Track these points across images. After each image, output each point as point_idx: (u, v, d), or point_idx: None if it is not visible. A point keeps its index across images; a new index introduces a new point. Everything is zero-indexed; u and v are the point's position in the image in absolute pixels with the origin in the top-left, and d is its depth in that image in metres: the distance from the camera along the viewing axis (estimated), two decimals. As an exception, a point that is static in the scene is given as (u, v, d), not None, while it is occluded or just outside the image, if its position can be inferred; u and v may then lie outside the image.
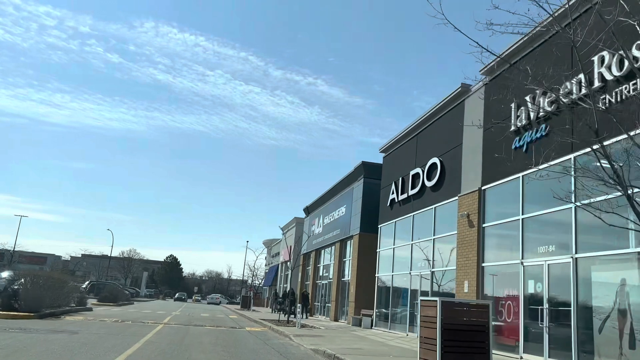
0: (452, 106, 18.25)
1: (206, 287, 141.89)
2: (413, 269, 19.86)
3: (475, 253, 15.21)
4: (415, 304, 19.20)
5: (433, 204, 18.68)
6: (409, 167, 21.20)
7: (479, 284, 14.91)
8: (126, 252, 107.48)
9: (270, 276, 61.38)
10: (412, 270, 19.93)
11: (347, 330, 21.39)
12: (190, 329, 18.55)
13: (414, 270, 19.80)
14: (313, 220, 40.34)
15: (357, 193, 28.58)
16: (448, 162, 17.99)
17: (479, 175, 15.68)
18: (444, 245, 17.93)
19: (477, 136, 16.14)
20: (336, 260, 31.63)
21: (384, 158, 25.08)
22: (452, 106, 18.20)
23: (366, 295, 26.16)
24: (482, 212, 15.39)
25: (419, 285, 19.08)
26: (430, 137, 19.81)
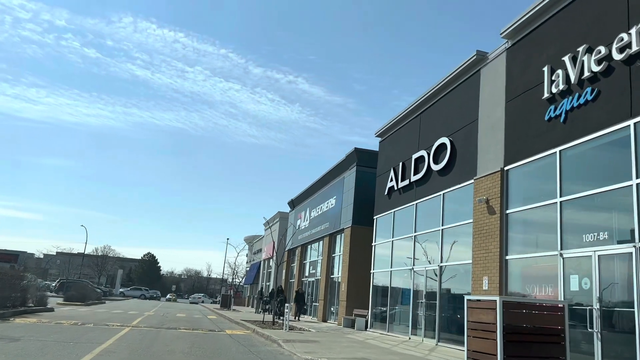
0: (464, 78, 16.01)
1: (185, 286, 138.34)
2: (417, 265, 17.59)
3: (496, 244, 12.98)
4: (419, 304, 16.97)
5: (441, 190, 16.43)
6: (411, 150, 18.93)
7: (502, 280, 12.68)
8: (100, 249, 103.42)
9: (251, 274, 58.76)
10: (415, 266, 17.66)
11: (341, 333, 19.04)
12: (162, 332, 16.01)
13: (417, 265, 17.53)
14: (299, 214, 37.92)
15: (349, 182, 26.26)
16: (460, 141, 15.75)
17: (501, 154, 13.46)
18: (456, 237, 15.71)
19: (497, 109, 13.92)
20: (325, 256, 29.27)
21: (381, 143, 22.78)
22: (465, 78, 15.97)
23: (359, 293, 23.87)
24: (505, 196, 13.16)
25: (424, 283, 16.83)
26: (438, 115, 17.56)
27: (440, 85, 17.32)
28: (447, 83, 16.93)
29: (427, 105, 18.35)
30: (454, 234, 15.73)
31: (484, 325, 6.10)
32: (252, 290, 59.07)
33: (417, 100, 18.89)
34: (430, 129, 17.87)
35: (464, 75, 16.05)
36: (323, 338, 15.79)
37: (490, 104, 14.34)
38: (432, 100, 18.05)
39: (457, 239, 15.69)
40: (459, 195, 15.58)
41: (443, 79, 17.05)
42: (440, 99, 17.48)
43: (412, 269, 17.79)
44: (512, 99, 13.29)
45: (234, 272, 47.51)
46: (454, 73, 16.40)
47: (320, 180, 32.07)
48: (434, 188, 16.94)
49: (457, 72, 16.25)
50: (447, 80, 16.86)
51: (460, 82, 16.25)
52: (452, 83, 16.75)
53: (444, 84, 17.12)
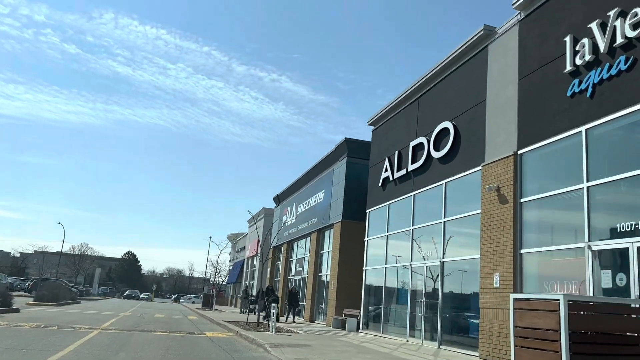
0: (469, 56, 14.65)
1: (167, 285, 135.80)
2: (415, 261, 16.21)
3: (509, 236, 11.63)
4: (417, 303, 15.59)
5: (443, 178, 15.06)
6: (409, 137, 17.54)
7: (516, 277, 11.33)
8: (77, 247, 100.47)
9: (234, 272, 57.04)
10: (413, 262, 16.28)
11: (332, 335, 17.59)
12: (135, 336, 14.39)
13: (416, 261, 16.15)
14: (285, 209, 36.39)
15: (339, 175, 24.82)
16: (465, 125, 14.39)
17: (513, 136, 12.12)
18: (460, 230, 14.36)
19: (508, 88, 12.58)
20: (312, 253, 27.79)
21: (374, 131, 21.36)
22: (470, 56, 14.61)
23: (349, 292, 22.46)
24: (518, 183, 11.82)
25: (424, 281, 15.44)
26: (439, 98, 16.19)
27: (441, 66, 15.95)
28: (450, 63, 15.56)
29: (427, 89, 16.97)
30: (458, 227, 14.37)
31: (540, 332, 4.70)
32: (236, 290, 57.35)
33: (415, 83, 17.51)
34: (430, 113, 16.49)
35: (468, 53, 14.69)
36: (314, 341, 14.31)
37: (500, 82, 13.00)
38: (431, 82, 16.68)
39: (461, 232, 14.35)
40: (463, 184, 14.23)
41: (445, 59, 15.68)
42: (442, 80, 16.10)
43: (409, 265, 16.41)
44: (526, 76, 11.95)
45: (216, 271, 45.76)
46: (457, 51, 15.04)
47: (308, 174, 30.58)
48: (434, 177, 15.56)
49: (461, 51, 14.89)
50: (449, 60, 15.50)
51: (465, 61, 14.89)
52: (455, 63, 15.39)
53: (446, 64, 15.75)
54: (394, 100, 19.16)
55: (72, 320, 19.09)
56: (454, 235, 14.53)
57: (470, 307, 13.55)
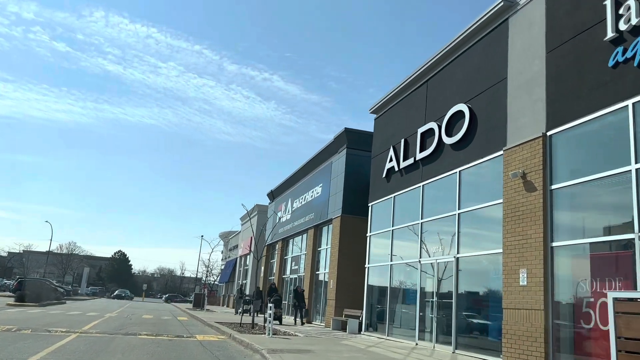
0: (486, 32, 13.33)
1: (158, 285, 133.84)
2: (425, 257, 14.88)
3: (538, 228, 10.32)
4: (428, 303, 14.27)
5: (456, 166, 13.73)
6: (416, 123, 16.21)
7: (547, 273, 10.01)
8: (65, 245, 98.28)
9: (227, 272, 55.52)
10: (422, 259, 14.95)
11: (334, 337, 16.22)
12: (117, 340, 12.95)
13: (426, 258, 14.82)
14: (279, 205, 34.99)
15: (339, 167, 23.45)
16: (482, 106, 13.07)
17: (541, 116, 10.80)
18: (477, 222, 13.05)
19: (534, 63, 11.27)
20: (309, 250, 26.42)
21: (376, 120, 20.01)
22: (487, 32, 13.28)
23: (350, 291, 21.12)
24: (548, 168, 10.51)
25: (435, 278, 14.11)
26: (451, 80, 14.86)
27: (453, 44, 14.62)
28: (463, 41, 14.24)
29: (436, 70, 15.64)
30: (476, 219, 13.06)
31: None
32: (227, 289, 55.87)
33: (423, 65, 16.17)
34: (441, 96, 15.16)
35: (486, 28, 13.37)
36: (316, 346, 12.93)
37: (523, 58, 11.69)
38: (442, 63, 15.34)
39: (479, 224, 13.04)
40: (481, 171, 12.92)
41: (458, 36, 14.35)
42: (454, 60, 14.77)
43: (418, 262, 15.07)
44: (556, 48, 10.64)
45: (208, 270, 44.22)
46: (472, 27, 13.72)
47: (305, 168, 29.18)
48: (446, 165, 14.24)
49: (477, 26, 13.57)
50: (463, 37, 14.17)
51: (481, 38, 13.57)
52: (469, 40, 14.06)
53: (459, 42, 14.42)
54: (399, 85, 17.82)
55: (51, 322, 17.60)
56: (470, 228, 13.22)
57: (490, 308, 12.24)
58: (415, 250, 15.49)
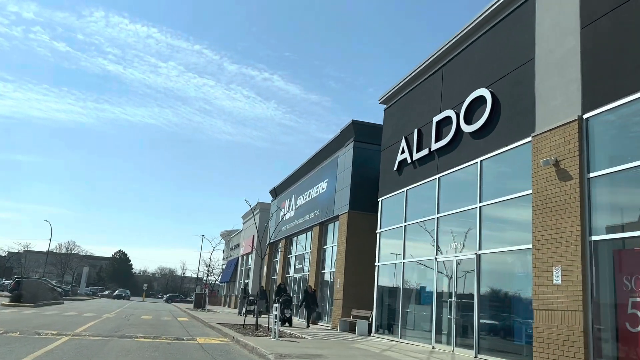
0: (511, 9, 12.33)
1: (158, 285, 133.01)
2: (442, 254, 13.90)
3: (575, 220, 9.32)
4: (445, 304, 13.28)
5: (477, 156, 12.75)
6: (431, 112, 15.23)
7: (586, 270, 9.02)
8: (64, 245, 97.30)
9: (228, 271, 54.56)
10: (439, 256, 13.96)
11: (343, 340, 15.24)
12: (111, 343, 11.98)
13: (443, 255, 13.83)
14: (282, 202, 34.01)
15: (345, 161, 22.47)
16: (506, 90, 12.08)
17: (576, 97, 9.81)
18: (502, 215, 12.08)
19: (567, 40, 10.27)
20: (314, 248, 25.43)
21: (386, 110, 19.03)
22: (512, 9, 12.28)
23: (358, 291, 20.15)
24: (585, 154, 9.52)
25: (454, 277, 13.11)
26: (469, 64, 13.87)
27: (471, 27, 13.63)
28: (483, 22, 13.25)
29: (453, 54, 14.65)
30: (499, 212, 12.08)
31: None
32: (229, 289, 54.95)
33: (438, 50, 15.19)
34: (459, 82, 14.18)
35: (508, 7, 12.37)
36: (326, 350, 11.95)
37: (554, 35, 10.70)
38: (459, 47, 14.36)
39: (503, 218, 12.06)
40: (505, 160, 11.93)
41: (476, 18, 13.37)
42: (473, 43, 13.79)
43: (434, 259, 14.08)
44: (593, 22, 9.65)
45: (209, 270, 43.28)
46: (492, 7, 12.73)
47: (309, 163, 28.19)
48: (466, 155, 13.25)
49: (497, 6, 12.58)
50: (482, 19, 13.18)
51: (503, 18, 12.57)
52: (489, 21, 13.08)
53: (478, 24, 13.44)
54: (411, 72, 16.83)
55: (43, 323, 16.64)
56: (493, 222, 12.24)
57: (516, 308, 11.27)
58: (430, 247, 14.51)
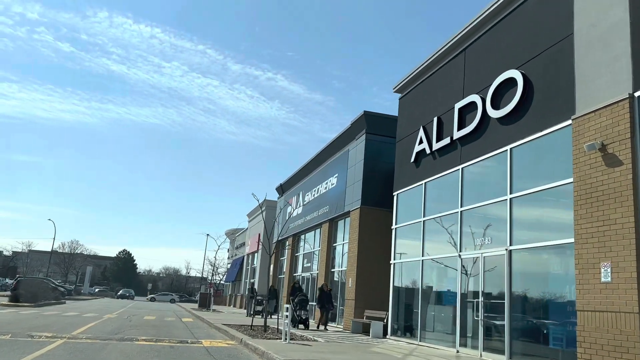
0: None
1: (163, 284, 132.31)
2: (466, 250, 12.86)
3: (626, 211, 8.28)
4: (470, 305, 12.25)
5: (506, 143, 11.71)
6: (453, 98, 14.20)
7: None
8: (67, 244, 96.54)
9: (233, 270, 53.63)
10: (463, 252, 12.93)
11: (359, 343, 14.23)
12: (109, 347, 11.02)
13: (467, 251, 12.80)
14: (289, 199, 33.01)
15: (357, 155, 21.44)
16: (538, 71, 11.04)
17: (625, 74, 8.77)
18: (536, 206, 11.03)
19: (612, 12, 9.24)
20: (324, 246, 24.43)
21: (402, 99, 18.00)
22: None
23: (371, 290, 19.16)
24: (637, 136, 8.48)
25: (480, 275, 12.07)
26: (496, 44, 12.83)
27: (497, 4, 12.60)
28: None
29: (477, 36, 13.61)
30: (532, 203, 11.03)
31: None
32: (234, 288, 54.03)
33: (459, 32, 14.15)
34: (484, 65, 13.14)
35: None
36: (343, 354, 10.93)
37: (596, 7, 9.65)
38: (483, 27, 13.32)
39: (537, 209, 11.01)
40: (540, 146, 10.88)
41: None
42: (499, 22, 12.74)
43: (458, 256, 13.04)
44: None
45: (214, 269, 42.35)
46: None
47: (317, 158, 27.19)
48: (493, 143, 12.22)
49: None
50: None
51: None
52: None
53: (505, 2, 12.40)
54: (429, 58, 15.81)
55: (39, 325, 15.71)
56: (526, 214, 11.21)
57: (553, 309, 10.24)
58: (452, 243, 13.48)
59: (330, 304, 19.79)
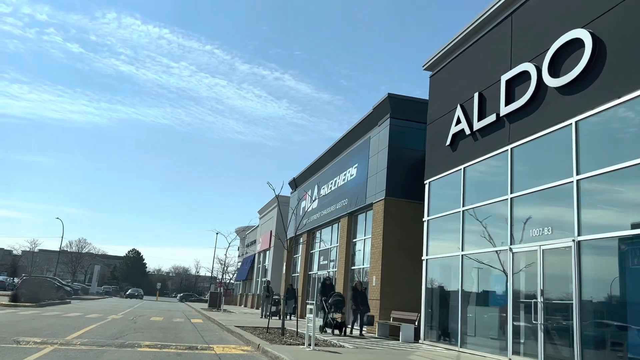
0: None
1: (172, 284, 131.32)
2: (518, 242, 11.09)
3: None
4: (524, 305, 10.50)
5: (570, 116, 9.94)
6: (497, 70, 12.43)
7: None
8: (75, 242, 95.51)
9: (244, 269, 52.07)
10: (515, 245, 11.16)
11: (392, 350, 12.51)
12: (105, 356, 9.41)
13: (521, 243, 11.02)
14: (303, 194, 31.31)
15: (380, 142, 19.69)
16: (611, 28, 9.25)
17: None
18: (613, 188, 9.25)
19: None
20: (342, 242, 22.72)
21: (433, 78, 16.25)
22: None
23: (398, 290, 17.44)
24: None
25: (538, 271, 10.29)
26: (551, 5, 11.04)
27: (555, -43, 10.83)
28: (574, -53, 10.44)
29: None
30: (608, 185, 9.26)
31: None
32: (245, 288, 52.48)
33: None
34: (537, 28, 11.35)
35: None
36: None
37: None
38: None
39: (614, 192, 9.24)
40: (615, 117, 9.11)
41: (563, -56, 10.56)
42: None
43: (508, 250, 11.28)
44: None
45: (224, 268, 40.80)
46: None
47: (334, 148, 25.47)
48: (552, 117, 10.44)
49: None
50: (573, -58, 10.37)
51: (606, -64, 9.75)
52: (584, -57, 10.25)
53: (565, -47, 10.64)
54: (465, 29, 14.05)
55: (32, 328, 14.17)
56: (599, 199, 9.44)
57: (635, 312, 8.46)
58: (500, 235, 11.73)
59: (365, 305, 16.59)
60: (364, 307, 16.32)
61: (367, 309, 16.36)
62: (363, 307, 16.30)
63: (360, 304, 16.34)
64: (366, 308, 16.35)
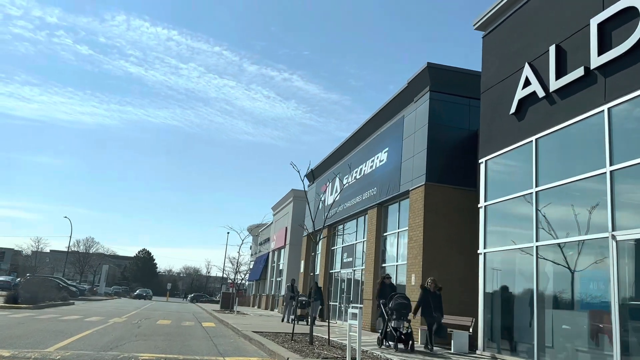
0: None
1: (183, 284, 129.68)
2: (623, 228, 8.53)
3: None
4: (633, 311, 7.92)
5: None
6: (582, 15, 9.88)
7: None
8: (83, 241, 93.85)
9: (258, 268, 49.70)
10: (619, 232, 8.60)
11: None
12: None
13: (627, 230, 8.47)
14: (322, 186, 28.85)
15: (417, 120, 17.15)
16: None
17: None
18: None
19: None
20: (370, 236, 20.24)
21: (486, 38, 13.69)
22: None
23: (442, 290, 14.85)
24: None
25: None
26: None
27: None
28: None
29: None
30: None
31: None
32: (258, 288, 50.12)
33: None
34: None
35: None
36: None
37: None
38: None
39: None
40: None
41: None
42: None
43: (609, 237, 8.71)
44: None
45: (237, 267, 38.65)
46: None
47: (358, 134, 22.98)
48: (677, 60, 7.89)
49: None
50: None
51: None
52: None
53: None
54: (534, -28, 11.51)
55: (13, 335, 11.86)
56: None
57: None
58: (592, 219, 9.19)
59: (439, 310, 12.75)
60: (437, 314, 12.67)
61: (440, 314, 12.75)
62: (437, 314, 12.66)
63: (434, 310, 12.66)
64: (439, 314, 12.73)
